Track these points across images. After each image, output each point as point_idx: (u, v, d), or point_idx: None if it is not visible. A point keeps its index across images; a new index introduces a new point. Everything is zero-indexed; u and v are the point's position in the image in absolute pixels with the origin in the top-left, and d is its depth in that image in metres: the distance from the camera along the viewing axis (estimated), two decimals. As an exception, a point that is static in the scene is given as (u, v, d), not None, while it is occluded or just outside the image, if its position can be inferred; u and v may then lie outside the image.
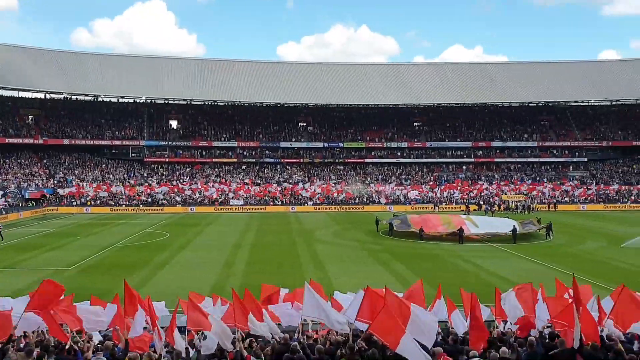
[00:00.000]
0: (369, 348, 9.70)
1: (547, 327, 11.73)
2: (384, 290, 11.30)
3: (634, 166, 76.46)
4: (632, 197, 67.14)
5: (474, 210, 60.68)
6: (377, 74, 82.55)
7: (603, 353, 9.66)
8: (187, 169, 75.85)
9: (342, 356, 9.10)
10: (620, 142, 77.93)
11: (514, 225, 38.73)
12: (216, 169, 76.45)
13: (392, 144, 78.98)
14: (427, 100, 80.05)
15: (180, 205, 65.05)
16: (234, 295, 11.04)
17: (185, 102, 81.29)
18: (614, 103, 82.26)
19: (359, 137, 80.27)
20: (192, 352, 10.06)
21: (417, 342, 9.06)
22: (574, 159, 78.33)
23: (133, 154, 76.52)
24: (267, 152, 78.23)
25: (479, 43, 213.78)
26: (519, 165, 78.81)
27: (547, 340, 10.41)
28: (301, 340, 10.01)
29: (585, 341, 9.61)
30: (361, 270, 27.10)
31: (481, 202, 64.75)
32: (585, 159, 78.06)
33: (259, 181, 73.51)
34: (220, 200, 66.18)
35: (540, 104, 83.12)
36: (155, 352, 9.84)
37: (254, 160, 77.72)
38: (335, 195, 67.89)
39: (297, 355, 8.99)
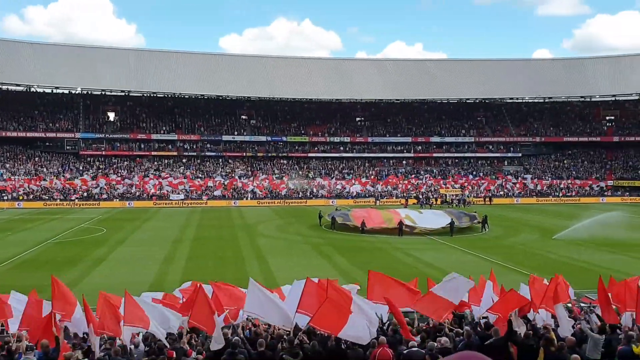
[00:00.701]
0: (310, 341, 9.75)
1: (484, 317, 12.13)
2: (325, 281, 11.38)
3: (565, 161, 79.99)
4: (563, 191, 70.23)
5: (414, 203, 61.98)
6: (320, 68, 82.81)
7: (535, 341, 10.09)
8: (125, 163, 73.74)
9: (283, 349, 9.10)
10: (552, 138, 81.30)
11: (452, 219, 39.80)
12: (155, 163, 74.70)
13: (335, 138, 79.51)
14: (369, 95, 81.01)
15: (117, 199, 63.23)
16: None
17: (123, 94, 78.90)
18: (546, 100, 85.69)
19: (303, 132, 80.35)
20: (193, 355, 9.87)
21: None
22: (509, 154, 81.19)
23: (68, 147, 73.68)
24: (208, 145, 77.06)
25: (419, 40, 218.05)
26: (457, 160, 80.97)
27: (482, 330, 10.76)
28: (241, 335, 9.93)
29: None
30: (304, 264, 27.19)
31: (420, 196, 66.18)
32: (520, 154, 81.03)
33: (200, 175, 72.38)
34: (159, 194, 64.77)
35: (477, 101, 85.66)
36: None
37: (195, 153, 76.41)
38: (281, 189, 67.68)
39: (238, 350, 8.93)
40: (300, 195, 66.91)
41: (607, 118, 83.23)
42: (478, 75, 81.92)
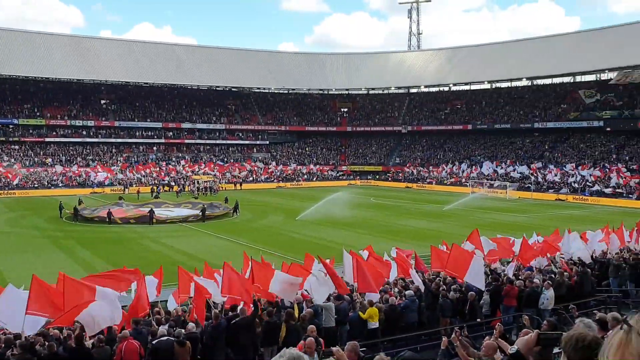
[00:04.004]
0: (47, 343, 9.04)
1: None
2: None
3: (307, 148, 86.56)
4: (304, 177, 75.98)
5: (166, 191, 60.79)
6: (60, 45, 75.21)
7: (277, 317, 10.81)
8: None
9: (13, 355, 8.25)
10: (296, 127, 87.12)
11: (203, 205, 40.17)
12: None
13: (77, 122, 73.27)
14: (115, 77, 76.37)
15: None
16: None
17: None
18: (290, 92, 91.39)
19: (38, 114, 72.34)
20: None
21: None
22: (258, 142, 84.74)
23: None
24: None
25: (168, 23, 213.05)
26: (208, 147, 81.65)
27: (229, 313, 11.15)
28: None
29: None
30: (41, 260, 24.70)
31: (172, 183, 65.12)
32: (267, 142, 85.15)
33: None
34: None
35: (227, 89, 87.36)
36: None
37: None
38: (12, 178, 59.86)
39: None
40: (36, 185, 60.30)
41: (342, 110, 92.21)
42: (228, 64, 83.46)
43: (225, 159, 79.18)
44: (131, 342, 8.47)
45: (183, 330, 9.13)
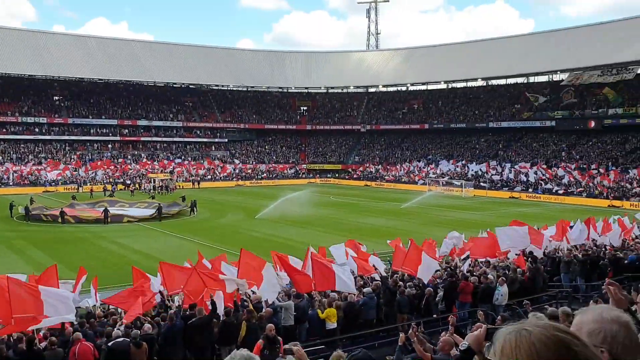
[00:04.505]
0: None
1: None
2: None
3: (266, 146, 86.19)
4: (265, 175, 75.65)
5: (121, 189, 59.57)
6: (10, 39, 72.63)
7: (236, 317, 10.75)
8: None
9: None
10: (255, 125, 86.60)
11: (159, 204, 39.57)
12: None
13: (28, 118, 70.96)
14: (68, 73, 74.35)
15: None
16: None
17: None
18: (249, 89, 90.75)
19: (-14, 110, 69.81)
20: None
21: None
22: (216, 140, 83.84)
23: None
24: None
25: (124, 18, 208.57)
26: (165, 145, 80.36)
27: (186, 313, 11.03)
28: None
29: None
30: (-11, 262, 23.86)
31: (128, 182, 63.84)
32: (226, 140, 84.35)
33: None
34: None
35: (184, 86, 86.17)
36: None
37: None
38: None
39: None
40: (-15, 184, 58.18)
41: (302, 108, 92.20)
42: (186, 60, 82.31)
43: (183, 157, 78.09)
44: (85, 344, 8.29)
45: (139, 332, 8.97)
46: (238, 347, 10.46)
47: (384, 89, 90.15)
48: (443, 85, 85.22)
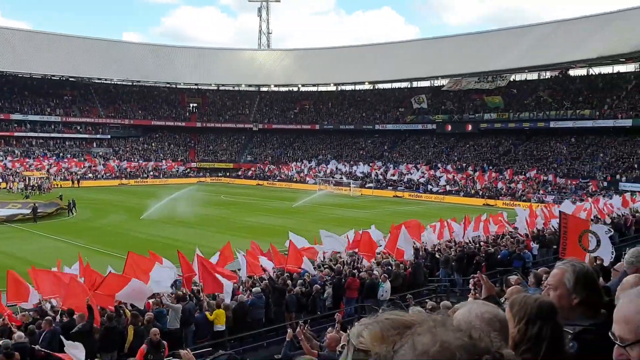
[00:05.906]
0: None
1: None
2: None
3: (153, 144, 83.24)
4: (151, 173, 72.96)
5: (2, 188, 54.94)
6: None
7: (118, 322, 10.34)
8: None
9: None
10: (141, 121, 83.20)
11: (34, 203, 36.99)
12: None
13: None
14: None
15: None
16: None
17: None
18: (135, 84, 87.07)
19: None
20: None
21: None
22: (98, 136, 79.57)
23: None
24: None
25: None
26: (42, 141, 75.13)
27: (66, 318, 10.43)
28: None
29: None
30: None
31: (0, 179, 58.93)
32: (109, 136, 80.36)
33: None
34: None
35: (64, 78, 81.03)
36: None
37: None
38: None
39: None
40: None
41: (192, 105, 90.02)
42: (66, 52, 77.22)
43: (61, 154, 73.36)
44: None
45: (10, 341, 8.35)
46: (125, 354, 10.09)
47: (276, 89, 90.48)
48: (333, 88, 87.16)
